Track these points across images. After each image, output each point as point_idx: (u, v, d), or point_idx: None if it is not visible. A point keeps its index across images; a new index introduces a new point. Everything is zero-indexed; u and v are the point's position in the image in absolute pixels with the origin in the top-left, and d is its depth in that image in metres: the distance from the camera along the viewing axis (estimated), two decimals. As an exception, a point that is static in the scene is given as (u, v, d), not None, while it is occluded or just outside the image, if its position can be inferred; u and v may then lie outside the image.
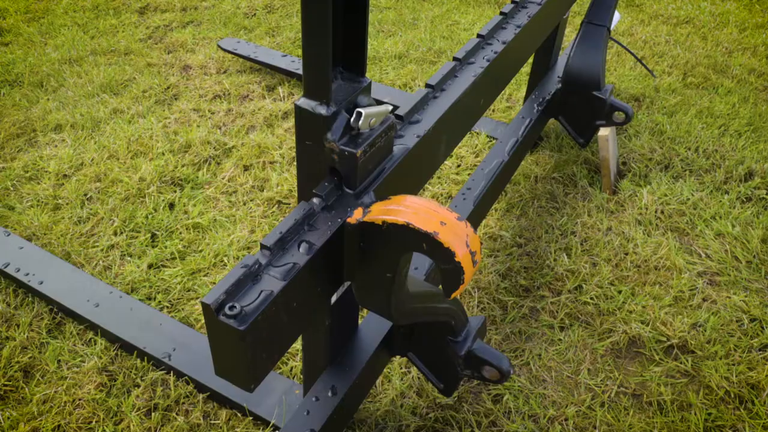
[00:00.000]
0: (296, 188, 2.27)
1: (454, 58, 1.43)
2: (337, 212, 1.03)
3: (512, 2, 1.68)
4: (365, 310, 1.74)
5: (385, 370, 1.69)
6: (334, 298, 1.24)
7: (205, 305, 0.86)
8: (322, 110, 0.98)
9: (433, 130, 1.25)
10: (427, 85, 1.33)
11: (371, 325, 1.44)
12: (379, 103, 1.07)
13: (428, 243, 0.97)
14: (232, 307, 0.86)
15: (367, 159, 1.06)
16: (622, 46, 2.53)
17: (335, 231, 1.00)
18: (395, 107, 1.23)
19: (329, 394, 1.32)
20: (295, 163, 2.43)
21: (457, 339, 1.37)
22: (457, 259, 0.95)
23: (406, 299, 1.16)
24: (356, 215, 1.02)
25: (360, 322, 1.45)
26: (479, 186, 1.84)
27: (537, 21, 1.71)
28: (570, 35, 3.31)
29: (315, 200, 1.04)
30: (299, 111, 1.00)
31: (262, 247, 0.95)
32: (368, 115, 1.02)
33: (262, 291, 0.90)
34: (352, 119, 1.02)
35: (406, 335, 1.44)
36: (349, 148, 1.01)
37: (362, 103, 1.05)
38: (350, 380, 1.34)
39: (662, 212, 2.21)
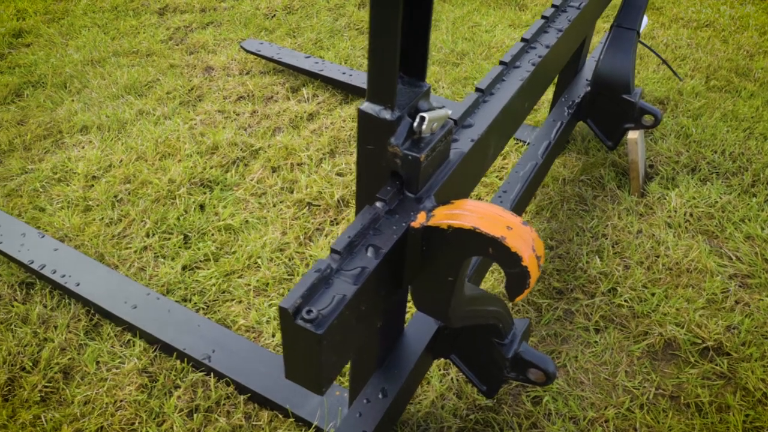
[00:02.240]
0: (324, 190, 2.28)
1: (501, 62, 1.43)
2: (400, 216, 1.04)
3: (553, 6, 1.69)
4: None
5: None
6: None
7: (282, 309, 0.87)
8: (387, 115, 0.99)
9: (485, 134, 1.25)
10: (477, 89, 1.33)
11: (417, 328, 1.44)
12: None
13: (495, 247, 0.98)
14: (309, 311, 0.87)
15: (429, 163, 1.06)
16: (652, 50, 2.53)
17: (401, 235, 1.01)
18: (449, 111, 1.24)
19: (380, 396, 1.33)
20: (322, 164, 2.44)
21: (503, 342, 1.38)
22: (524, 264, 0.96)
23: (463, 302, 1.17)
24: (420, 219, 1.03)
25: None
26: (515, 189, 1.85)
27: (576, 25, 1.72)
28: (595, 38, 3.31)
29: (378, 204, 1.04)
30: (363, 115, 1.01)
31: (333, 251, 0.96)
32: (431, 119, 1.03)
33: (335, 295, 0.91)
34: (415, 124, 1.03)
35: (450, 337, 1.45)
36: (412, 153, 1.02)
37: (423, 108, 1.06)
38: (400, 382, 1.35)
39: (691, 215, 2.22)
